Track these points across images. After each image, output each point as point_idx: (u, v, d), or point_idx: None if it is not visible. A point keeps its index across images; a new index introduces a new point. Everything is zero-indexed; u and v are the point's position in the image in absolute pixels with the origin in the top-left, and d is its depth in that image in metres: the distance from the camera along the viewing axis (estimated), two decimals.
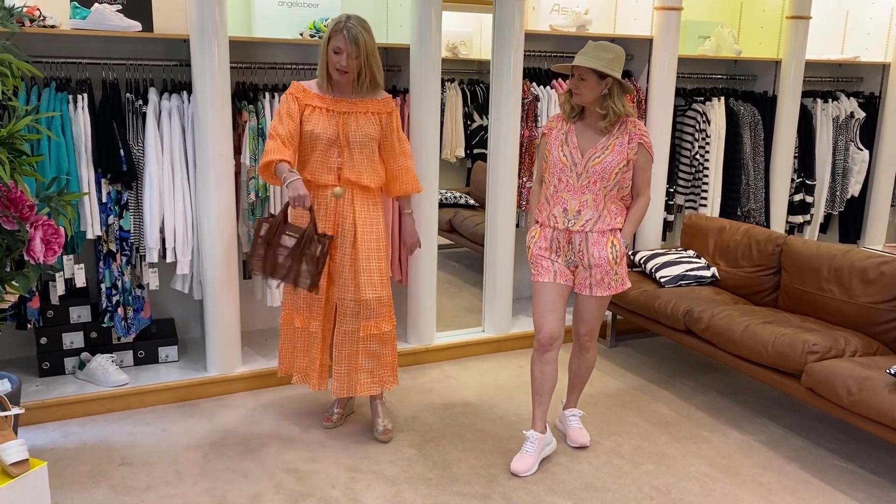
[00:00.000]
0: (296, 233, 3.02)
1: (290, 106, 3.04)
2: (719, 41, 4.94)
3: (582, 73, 2.83)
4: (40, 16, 3.32)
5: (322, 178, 3.07)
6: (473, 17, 5.72)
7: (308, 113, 3.04)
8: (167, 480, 2.96)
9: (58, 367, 3.65)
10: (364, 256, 3.11)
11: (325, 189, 3.09)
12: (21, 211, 2.52)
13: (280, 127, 3.01)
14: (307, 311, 3.22)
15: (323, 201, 3.10)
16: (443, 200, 5.62)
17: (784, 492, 2.98)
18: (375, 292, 3.12)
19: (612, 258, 2.96)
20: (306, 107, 3.04)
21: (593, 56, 2.81)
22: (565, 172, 2.95)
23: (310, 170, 3.08)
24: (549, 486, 2.99)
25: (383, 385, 3.26)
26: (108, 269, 3.55)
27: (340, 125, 3.05)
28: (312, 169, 3.08)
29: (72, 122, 3.33)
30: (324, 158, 3.06)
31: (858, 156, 5.56)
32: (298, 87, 3.08)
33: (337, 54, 2.97)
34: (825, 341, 3.23)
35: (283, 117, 3.03)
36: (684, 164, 4.87)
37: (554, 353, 3.05)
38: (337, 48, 2.97)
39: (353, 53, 2.95)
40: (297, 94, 3.06)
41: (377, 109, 3.11)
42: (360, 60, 2.97)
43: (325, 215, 3.10)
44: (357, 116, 3.06)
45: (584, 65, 2.80)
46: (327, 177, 3.07)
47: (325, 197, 3.09)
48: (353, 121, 3.06)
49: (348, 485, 2.96)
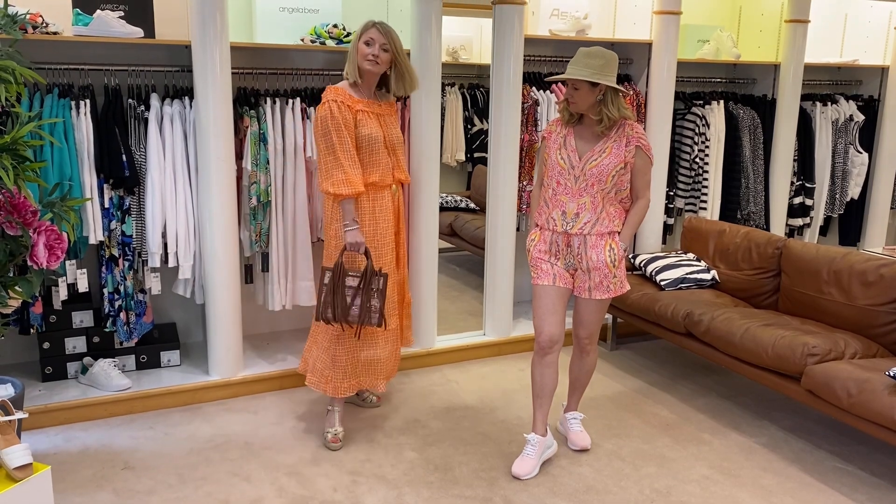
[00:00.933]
0: (356, 273, 3.14)
1: (343, 115, 3.05)
2: (718, 45, 4.96)
3: (575, 84, 2.86)
4: (43, 22, 3.34)
5: (386, 178, 3.22)
6: (473, 21, 5.75)
7: (360, 118, 3.11)
8: (170, 484, 2.97)
9: (60, 372, 3.66)
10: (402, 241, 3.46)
11: (385, 189, 3.23)
12: (24, 216, 2.54)
13: (345, 144, 3.05)
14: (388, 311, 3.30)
15: (383, 202, 3.22)
16: (444, 204, 5.64)
17: (784, 494, 2.99)
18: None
19: (610, 261, 2.98)
20: (358, 112, 3.11)
21: (583, 65, 2.82)
22: (563, 175, 2.96)
23: (379, 173, 3.18)
24: (550, 488, 3.00)
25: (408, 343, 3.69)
26: (111, 273, 3.57)
27: (384, 127, 3.20)
28: (381, 172, 3.18)
29: (74, 127, 3.35)
30: (382, 160, 3.18)
31: (858, 158, 5.58)
32: (342, 93, 3.10)
33: (369, 46, 3.06)
34: (825, 344, 3.24)
35: (339, 133, 3.05)
36: (684, 167, 4.89)
37: (554, 356, 3.07)
38: (369, 39, 3.07)
39: (386, 45, 3.07)
40: (346, 101, 3.08)
41: (391, 111, 3.29)
42: (390, 54, 3.10)
43: (386, 215, 3.24)
44: (387, 119, 3.24)
45: (574, 77, 2.82)
46: (388, 177, 3.22)
47: (385, 197, 3.23)
48: (390, 123, 3.26)
49: (350, 488, 2.97)
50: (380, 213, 3.22)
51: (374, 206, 3.20)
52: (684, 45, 4.88)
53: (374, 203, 3.20)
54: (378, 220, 3.22)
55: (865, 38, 5.70)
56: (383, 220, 3.23)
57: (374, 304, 3.15)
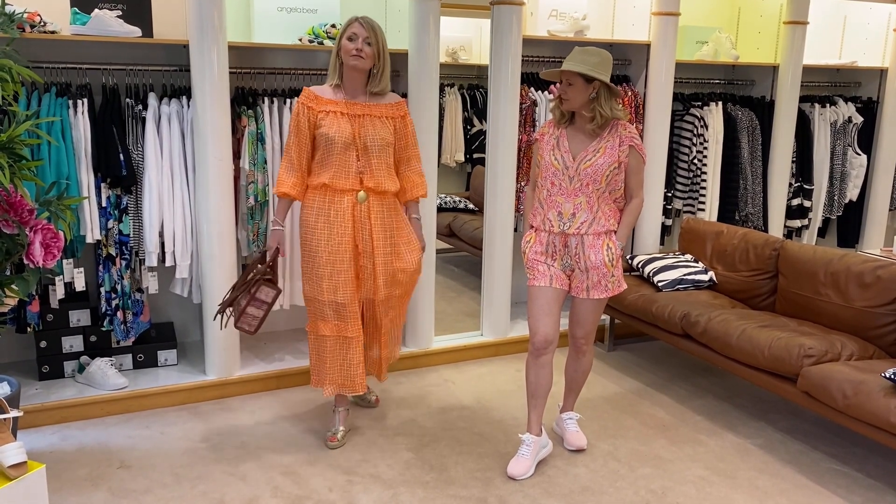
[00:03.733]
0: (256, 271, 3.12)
1: (300, 120, 3.03)
2: (717, 46, 4.96)
3: (569, 79, 2.86)
4: (41, 21, 3.34)
5: (341, 182, 3.03)
6: (473, 22, 5.74)
7: (322, 118, 3.02)
8: (165, 483, 2.97)
9: (57, 371, 3.66)
10: (381, 262, 3.12)
11: (343, 194, 3.05)
12: (21, 215, 2.54)
13: (293, 148, 3.05)
14: (336, 318, 3.13)
15: (340, 206, 3.05)
16: (442, 205, 5.64)
17: (780, 495, 2.99)
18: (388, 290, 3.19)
19: (608, 260, 2.98)
20: (320, 113, 3.03)
21: (580, 61, 2.84)
22: (558, 176, 2.97)
23: (330, 174, 3.03)
24: (545, 489, 3.00)
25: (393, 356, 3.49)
26: (108, 272, 3.57)
27: (357, 128, 3.02)
28: (333, 173, 3.03)
29: (72, 126, 3.35)
30: (342, 162, 3.02)
31: (856, 160, 5.58)
32: (310, 95, 3.05)
33: (352, 41, 2.96)
34: (821, 345, 3.24)
35: (293, 135, 3.05)
36: (682, 168, 4.89)
37: (549, 357, 3.07)
38: (352, 34, 2.97)
39: (369, 39, 2.96)
40: (310, 104, 3.03)
41: (391, 114, 3.11)
42: (375, 49, 2.97)
43: (343, 221, 3.04)
44: (373, 120, 3.05)
45: (570, 69, 2.83)
46: (346, 181, 3.03)
47: (343, 202, 3.05)
48: (369, 124, 3.04)
49: (345, 488, 2.97)
50: (335, 218, 3.04)
51: (329, 209, 3.05)
52: (683, 47, 4.88)
53: (329, 206, 3.05)
54: (333, 226, 3.04)
55: (864, 39, 5.70)
56: (339, 227, 3.04)
57: (240, 303, 3.08)
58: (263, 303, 3.10)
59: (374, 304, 3.23)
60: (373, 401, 3.68)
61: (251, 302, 3.08)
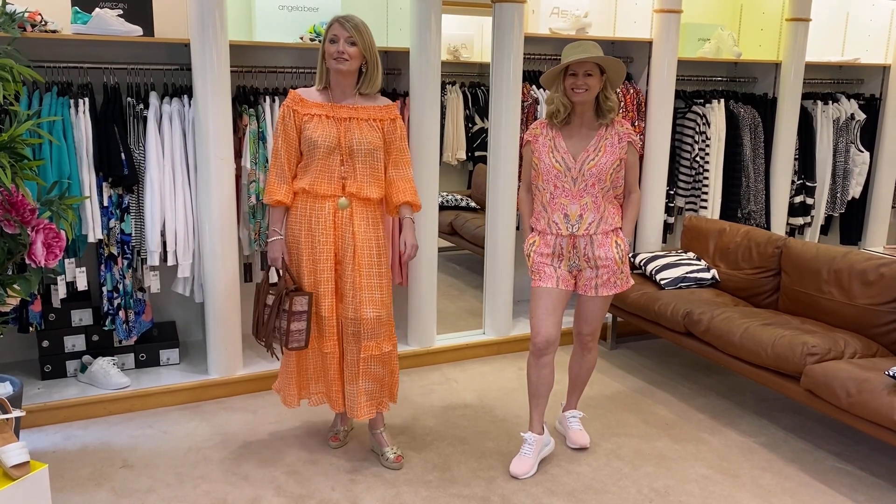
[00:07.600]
0: (274, 290, 2.97)
1: (286, 123, 2.92)
2: (719, 43, 4.95)
3: (589, 69, 2.84)
4: (42, 21, 3.33)
5: (322, 187, 2.90)
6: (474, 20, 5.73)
7: (307, 121, 2.91)
8: (168, 483, 2.97)
9: (59, 370, 3.66)
10: (365, 273, 2.96)
11: (325, 200, 2.92)
12: (22, 215, 2.54)
13: (282, 153, 2.93)
14: (317, 331, 3.04)
15: (321, 213, 2.92)
16: (444, 203, 5.63)
17: (784, 493, 2.99)
18: (375, 310, 2.96)
19: (618, 257, 2.98)
20: (304, 116, 2.91)
21: (592, 51, 2.83)
22: (560, 178, 2.95)
23: (310, 179, 2.91)
24: (548, 487, 2.99)
25: (380, 407, 3.13)
26: (110, 272, 3.57)
27: (342, 132, 2.89)
28: (313, 178, 2.90)
29: (73, 126, 3.34)
30: (325, 167, 2.89)
31: (859, 157, 5.56)
32: (295, 98, 2.92)
33: (334, 43, 2.81)
34: (824, 343, 3.23)
35: (280, 139, 2.94)
36: (684, 166, 4.88)
37: (550, 357, 3.06)
38: (334, 36, 2.81)
39: (352, 38, 2.80)
40: (295, 107, 2.90)
41: (379, 116, 2.95)
42: (359, 48, 2.82)
43: (325, 229, 2.92)
44: (360, 123, 2.91)
45: (591, 57, 2.80)
46: (328, 187, 2.90)
47: (324, 208, 2.92)
48: (355, 128, 2.90)
49: (348, 487, 2.97)
50: (316, 225, 2.92)
51: (310, 216, 2.92)
52: (685, 44, 4.87)
53: (310, 212, 2.92)
54: (315, 233, 2.92)
55: (867, 36, 5.68)
56: (321, 234, 2.91)
57: (281, 325, 2.93)
58: (302, 313, 2.94)
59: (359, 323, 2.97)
60: (392, 459, 3.14)
61: (290, 319, 2.93)
